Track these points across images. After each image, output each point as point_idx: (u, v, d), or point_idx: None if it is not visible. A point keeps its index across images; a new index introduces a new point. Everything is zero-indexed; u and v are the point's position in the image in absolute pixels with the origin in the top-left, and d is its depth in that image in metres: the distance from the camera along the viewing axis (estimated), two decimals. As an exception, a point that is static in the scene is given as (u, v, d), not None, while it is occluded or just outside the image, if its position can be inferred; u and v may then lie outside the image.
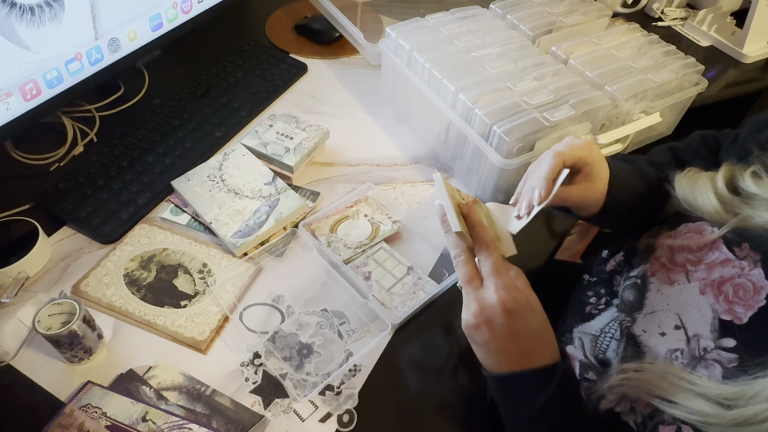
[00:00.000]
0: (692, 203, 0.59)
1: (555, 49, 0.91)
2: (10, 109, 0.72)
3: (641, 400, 0.51)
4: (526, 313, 0.51)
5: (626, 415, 0.53)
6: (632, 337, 0.57)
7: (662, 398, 0.49)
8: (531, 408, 0.51)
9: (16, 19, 0.67)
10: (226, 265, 0.74)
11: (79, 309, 0.60)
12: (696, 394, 0.47)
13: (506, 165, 0.76)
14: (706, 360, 0.50)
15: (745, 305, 0.50)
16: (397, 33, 0.90)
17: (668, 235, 0.60)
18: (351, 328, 0.70)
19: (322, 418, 0.62)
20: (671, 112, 0.95)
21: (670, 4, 1.29)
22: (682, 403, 0.47)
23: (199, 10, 0.95)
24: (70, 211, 0.76)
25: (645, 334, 0.56)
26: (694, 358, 0.51)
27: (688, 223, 0.59)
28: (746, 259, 0.52)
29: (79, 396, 0.60)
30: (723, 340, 0.50)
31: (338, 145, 0.92)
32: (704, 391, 0.47)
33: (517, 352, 0.51)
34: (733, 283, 0.52)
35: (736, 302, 0.51)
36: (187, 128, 0.89)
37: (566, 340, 0.67)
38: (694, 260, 0.56)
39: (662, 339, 0.54)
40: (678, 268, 0.57)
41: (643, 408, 0.51)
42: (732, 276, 0.52)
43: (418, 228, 0.81)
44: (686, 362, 0.51)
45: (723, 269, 0.53)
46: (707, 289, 0.54)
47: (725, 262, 0.54)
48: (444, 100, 0.84)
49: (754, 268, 0.51)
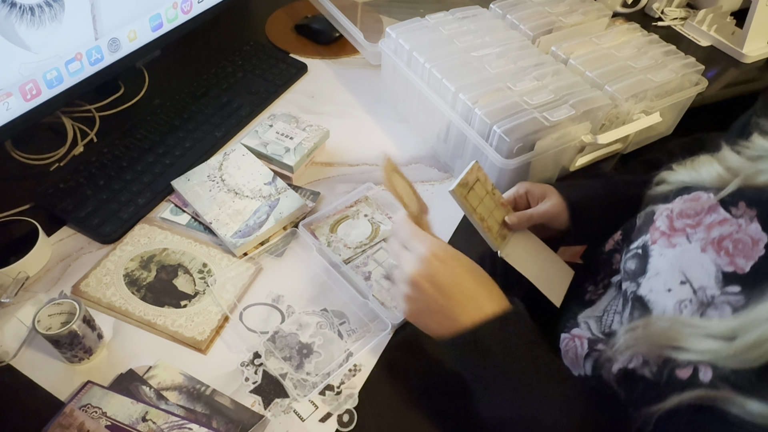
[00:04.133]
0: (695, 177, 0.62)
1: (555, 49, 0.91)
2: (10, 109, 0.72)
3: (652, 353, 0.53)
4: (453, 262, 0.58)
5: (640, 369, 0.54)
6: (639, 299, 0.59)
7: (672, 347, 0.50)
8: (493, 359, 0.54)
9: (16, 19, 0.67)
10: (226, 265, 0.74)
11: (79, 309, 0.60)
12: (702, 335, 0.49)
13: (506, 165, 0.76)
14: (714, 304, 0.52)
15: (745, 257, 0.52)
16: (397, 33, 0.90)
17: (665, 207, 0.63)
18: (351, 328, 0.70)
19: (322, 418, 0.62)
20: (671, 112, 0.95)
21: (670, 4, 1.29)
22: (690, 347, 0.49)
23: (199, 10, 0.95)
24: (70, 211, 0.76)
25: (651, 293, 0.58)
26: (702, 304, 0.53)
27: (684, 195, 0.62)
28: (743, 217, 0.55)
29: (79, 396, 0.60)
30: (728, 288, 0.52)
31: (338, 145, 0.92)
32: (710, 332, 0.48)
33: (464, 301, 0.56)
34: (732, 239, 0.54)
35: (736, 255, 0.53)
36: (187, 128, 0.89)
37: (570, 325, 0.68)
38: (693, 224, 0.58)
39: (669, 294, 0.55)
40: (678, 233, 0.59)
41: (656, 359, 0.52)
42: (730, 233, 0.55)
43: (418, 228, 0.81)
44: (695, 309, 0.53)
45: (721, 228, 0.55)
46: (708, 246, 0.55)
47: (723, 222, 0.56)
48: (444, 100, 0.84)
49: (751, 223, 0.54)
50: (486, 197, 0.70)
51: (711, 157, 0.62)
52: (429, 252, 0.57)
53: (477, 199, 0.69)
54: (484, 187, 0.71)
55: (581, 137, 0.81)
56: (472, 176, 0.69)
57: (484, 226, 0.69)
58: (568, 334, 0.66)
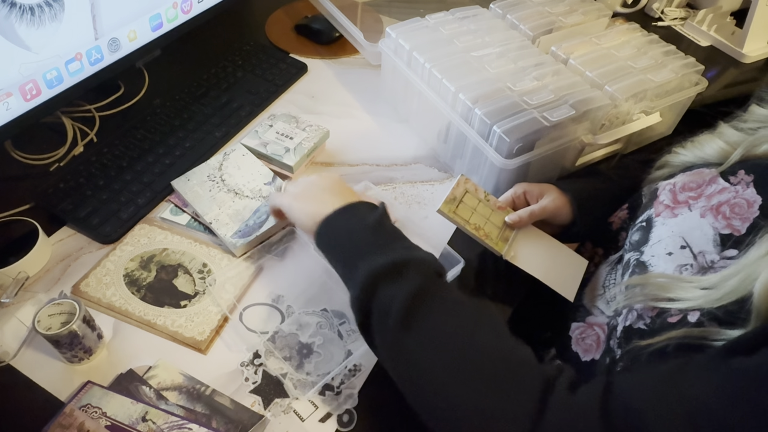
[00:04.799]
0: (699, 155, 0.64)
1: (555, 49, 0.91)
2: (10, 109, 0.72)
3: (647, 308, 0.55)
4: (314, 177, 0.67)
5: (635, 323, 0.56)
6: (640, 264, 0.60)
7: (666, 299, 0.52)
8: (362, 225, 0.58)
9: (16, 19, 0.67)
10: (226, 265, 0.74)
11: (79, 309, 0.60)
12: (694, 287, 0.51)
13: (506, 165, 0.76)
14: (714, 269, 0.53)
15: (741, 218, 0.55)
16: (397, 33, 0.90)
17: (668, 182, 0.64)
18: (351, 328, 0.70)
19: (322, 418, 0.62)
20: (671, 112, 0.95)
21: (670, 4, 1.29)
22: (682, 297, 0.51)
23: (199, 10, 0.95)
24: (70, 211, 0.76)
25: (653, 257, 0.59)
26: (702, 269, 0.54)
27: (686, 172, 0.64)
28: (740, 183, 0.57)
29: (79, 396, 0.60)
30: (726, 251, 0.54)
31: (338, 145, 0.92)
32: (701, 284, 0.51)
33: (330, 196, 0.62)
34: (729, 204, 0.56)
35: (733, 218, 0.55)
36: (187, 128, 0.89)
37: (582, 313, 0.69)
38: (695, 196, 0.60)
39: (669, 258, 0.57)
40: (681, 205, 0.61)
41: (650, 311, 0.54)
42: (728, 199, 0.57)
43: (418, 228, 0.81)
44: (695, 272, 0.54)
45: (720, 195, 0.58)
46: (707, 212, 0.57)
47: (722, 191, 0.58)
48: (444, 100, 0.84)
49: (747, 188, 0.56)
50: (479, 205, 0.71)
51: (711, 134, 0.65)
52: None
53: (468, 211, 0.71)
54: (476, 196, 0.72)
55: (581, 137, 0.81)
56: (460, 190, 0.71)
57: (481, 234, 0.70)
58: (583, 323, 0.67)
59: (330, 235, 0.60)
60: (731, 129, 0.63)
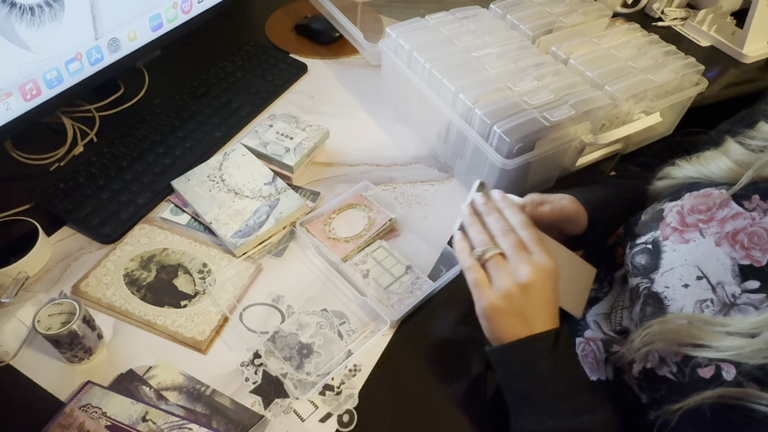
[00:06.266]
0: (703, 172, 0.62)
1: (555, 49, 0.91)
2: (10, 109, 0.72)
3: (669, 351, 0.52)
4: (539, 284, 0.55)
5: (659, 369, 0.53)
6: (653, 295, 0.58)
7: (691, 344, 0.50)
8: (535, 371, 0.53)
9: (16, 19, 0.67)
10: (225, 265, 0.74)
11: (79, 309, 0.60)
12: (725, 333, 0.48)
13: (506, 165, 0.76)
14: (738, 305, 0.51)
15: (761, 249, 0.52)
16: (397, 33, 0.90)
17: (675, 204, 0.62)
18: (351, 328, 0.70)
19: (322, 418, 0.62)
20: (671, 112, 0.95)
21: (670, 4, 1.29)
22: (711, 344, 0.48)
23: (199, 10, 0.95)
24: (70, 211, 0.76)
25: (668, 289, 0.57)
26: (725, 305, 0.52)
27: (693, 191, 0.61)
28: (756, 210, 0.54)
29: (79, 396, 0.60)
30: (747, 283, 0.51)
31: (338, 145, 0.92)
32: (732, 329, 0.48)
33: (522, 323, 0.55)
34: (746, 232, 0.54)
35: (752, 248, 0.53)
36: (187, 128, 0.89)
37: (582, 326, 0.67)
38: (706, 219, 0.58)
39: (686, 291, 0.55)
40: (690, 228, 0.58)
41: (673, 356, 0.52)
42: (744, 226, 0.54)
43: (418, 228, 0.81)
44: (717, 310, 0.52)
45: (735, 222, 0.55)
46: (722, 241, 0.55)
47: (736, 216, 0.55)
48: (444, 100, 0.84)
49: (765, 216, 0.53)
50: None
51: (718, 151, 0.62)
52: (550, 264, 0.56)
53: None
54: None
55: (581, 137, 0.81)
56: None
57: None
58: (582, 338, 0.66)
59: (504, 366, 0.57)
60: (738, 146, 0.60)
